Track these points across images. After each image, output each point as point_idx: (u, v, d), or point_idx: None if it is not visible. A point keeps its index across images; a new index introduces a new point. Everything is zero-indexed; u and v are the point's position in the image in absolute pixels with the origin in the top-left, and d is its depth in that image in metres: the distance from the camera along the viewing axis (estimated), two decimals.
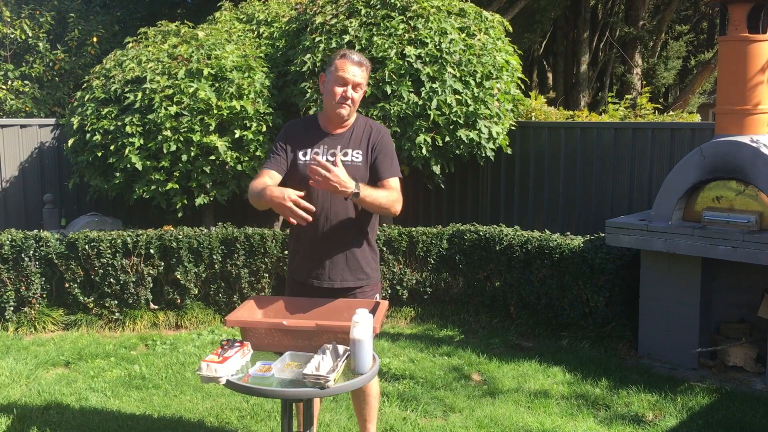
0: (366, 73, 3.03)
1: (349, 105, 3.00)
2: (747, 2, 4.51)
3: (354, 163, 3.01)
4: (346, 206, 3.01)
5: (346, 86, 2.97)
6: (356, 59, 2.99)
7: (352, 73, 2.96)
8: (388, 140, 3.11)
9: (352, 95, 2.98)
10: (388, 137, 3.12)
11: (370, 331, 2.54)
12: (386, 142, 3.09)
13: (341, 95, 2.98)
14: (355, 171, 2.97)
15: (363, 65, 3.00)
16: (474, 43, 6.24)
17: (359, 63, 2.99)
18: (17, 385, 4.52)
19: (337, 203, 3.00)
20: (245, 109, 6.04)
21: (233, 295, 5.77)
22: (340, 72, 2.97)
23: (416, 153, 5.91)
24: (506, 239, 5.57)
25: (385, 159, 3.05)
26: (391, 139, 3.16)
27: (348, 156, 3.03)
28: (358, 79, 2.98)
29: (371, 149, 3.06)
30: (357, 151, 3.05)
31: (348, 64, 2.97)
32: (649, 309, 4.95)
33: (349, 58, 2.99)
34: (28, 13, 8.92)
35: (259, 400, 4.12)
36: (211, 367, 2.47)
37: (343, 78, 2.96)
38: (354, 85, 2.98)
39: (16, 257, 5.54)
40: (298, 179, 3.00)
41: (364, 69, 3.01)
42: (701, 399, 4.27)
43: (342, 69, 2.97)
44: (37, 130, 7.30)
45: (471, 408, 4.15)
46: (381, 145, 3.07)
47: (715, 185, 4.64)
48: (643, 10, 15.78)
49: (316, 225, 3.00)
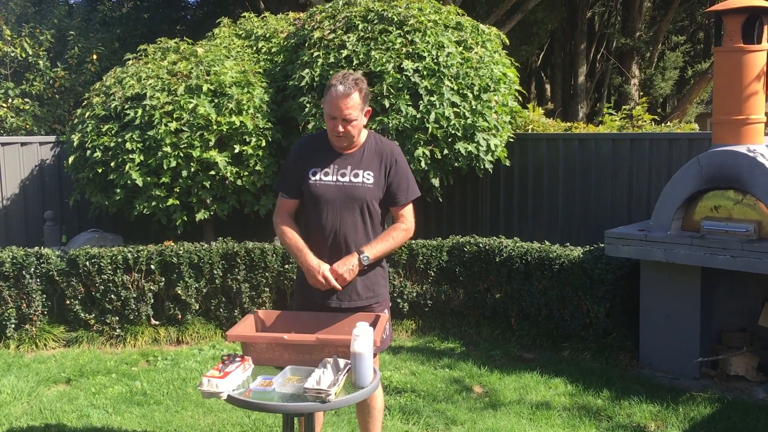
0: (359, 97, 2.90)
1: (344, 137, 2.95)
2: (741, 13, 4.54)
3: (365, 184, 3.01)
4: (356, 228, 3.02)
5: (336, 120, 2.91)
6: (342, 91, 2.86)
7: (338, 108, 2.87)
8: (401, 161, 3.08)
9: (345, 128, 2.92)
10: (401, 157, 3.09)
11: (371, 345, 2.54)
12: (400, 165, 3.07)
13: (332, 130, 2.94)
14: (365, 192, 3.00)
15: (350, 95, 2.87)
16: (471, 57, 6.28)
17: (345, 94, 2.87)
18: (19, 402, 4.51)
19: (347, 226, 3.01)
20: (245, 125, 6.07)
21: (234, 309, 5.77)
22: (328, 107, 2.91)
23: (415, 166, 5.93)
24: (506, 251, 5.58)
25: (400, 185, 3.06)
26: (404, 157, 3.13)
27: (359, 177, 3.01)
28: (346, 113, 2.88)
29: (385, 173, 3.04)
30: (368, 172, 3.02)
31: (334, 100, 2.87)
32: (649, 319, 4.95)
33: (334, 91, 2.87)
34: (29, 31, 8.98)
35: (260, 415, 4.12)
36: (212, 383, 2.48)
37: (331, 114, 2.91)
38: (344, 118, 2.89)
39: (17, 274, 5.55)
40: (308, 198, 3.03)
41: (354, 97, 2.88)
42: (703, 409, 4.26)
43: (329, 103, 2.90)
44: (38, 148, 7.33)
45: (473, 420, 4.14)
46: (396, 169, 3.05)
47: (713, 195, 4.66)
48: (639, 21, 15.87)
49: (326, 247, 3.03)
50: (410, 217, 3.12)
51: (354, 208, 3.01)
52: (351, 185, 3.00)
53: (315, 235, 3.06)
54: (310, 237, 3.08)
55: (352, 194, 3.00)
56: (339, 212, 2.99)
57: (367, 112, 3.01)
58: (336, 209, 3.00)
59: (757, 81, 4.57)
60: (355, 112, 2.90)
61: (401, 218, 3.11)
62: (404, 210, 3.11)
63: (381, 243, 3.02)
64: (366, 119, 3.03)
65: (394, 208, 3.10)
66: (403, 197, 3.08)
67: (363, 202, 3.01)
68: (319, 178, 3.00)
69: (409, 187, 3.10)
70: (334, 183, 3.00)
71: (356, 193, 2.99)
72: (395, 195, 3.07)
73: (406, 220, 3.11)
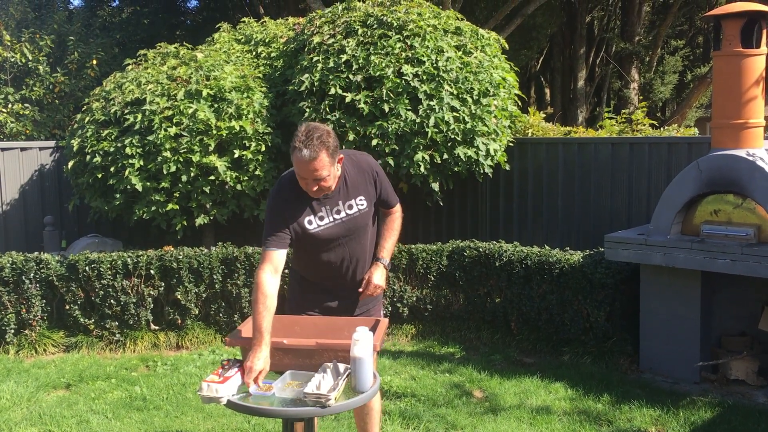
0: (326, 155, 2.74)
1: (319, 191, 2.85)
2: (740, 17, 4.55)
3: (361, 210, 3.01)
4: (364, 250, 3.10)
5: (307, 180, 2.81)
6: (307, 156, 2.71)
7: (307, 171, 2.76)
8: (380, 171, 3.10)
9: (317, 185, 2.81)
10: (378, 167, 3.11)
11: (371, 349, 2.54)
12: (380, 173, 3.10)
13: (306, 189, 2.85)
14: (365, 218, 3.04)
15: (317, 158, 2.72)
16: (471, 61, 6.29)
17: (311, 159, 2.71)
18: (18, 408, 4.51)
19: (356, 252, 3.07)
20: (244, 129, 6.07)
21: (234, 314, 5.77)
22: (297, 169, 2.80)
23: (415, 170, 5.93)
24: (506, 255, 5.58)
25: (388, 190, 3.15)
26: (377, 163, 3.17)
27: (353, 208, 2.99)
28: (317, 174, 2.76)
29: (374, 186, 3.06)
30: (360, 198, 3.01)
31: (300, 164, 2.75)
32: (649, 323, 4.95)
33: (299, 156, 2.72)
34: (28, 36, 8.99)
35: (260, 420, 4.11)
36: (211, 388, 2.48)
37: (301, 176, 2.81)
38: (314, 179, 2.79)
39: (16, 280, 5.54)
40: (313, 245, 2.99)
41: (322, 158, 2.73)
42: (703, 413, 4.26)
43: (297, 166, 2.79)
44: (38, 153, 7.34)
45: (473, 425, 4.13)
46: (379, 178, 3.09)
47: (712, 199, 4.66)
48: (638, 25, 15.90)
49: (339, 272, 3.07)
50: (399, 210, 3.27)
51: (360, 235, 3.05)
52: (350, 218, 2.99)
53: (322, 268, 3.06)
54: (312, 271, 3.12)
55: (355, 225, 3.02)
56: (346, 245, 3.03)
57: (339, 160, 2.88)
58: (343, 244, 3.02)
59: (756, 85, 4.57)
60: (325, 171, 2.78)
61: (392, 211, 3.24)
62: (396, 208, 3.26)
63: (390, 241, 3.18)
64: (339, 165, 2.91)
65: (387, 210, 3.23)
66: (394, 200, 3.21)
67: (365, 226, 3.07)
68: (317, 225, 2.94)
69: (391, 190, 3.20)
70: (334, 223, 2.97)
71: (357, 222, 3.02)
72: (387, 200, 3.17)
73: (396, 209, 3.25)
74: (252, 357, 2.63)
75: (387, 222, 3.22)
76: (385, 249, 3.14)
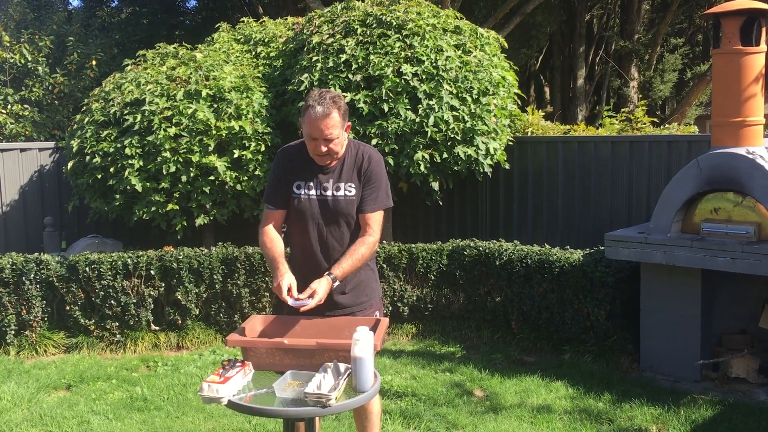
0: (338, 115, 2.82)
1: (327, 155, 2.89)
2: (740, 15, 4.55)
3: (347, 197, 2.97)
4: (342, 241, 2.98)
5: (317, 141, 2.85)
6: (321, 112, 2.77)
7: (318, 129, 2.80)
8: (376, 168, 2.99)
9: (326, 147, 2.85)
10: (377, 165, 3.01)
11: (371, 349, 2.54)
12: (375, 171, 2.98)
13: (314, 150, 2.88)
14: (348, 206, 2.97)
15: (329, 115, 2.78)
16: (470, 60, 6.28)
17: (325, 115, 2.78)
18: (19, 409, 4.51)
19: (332, 240, 2.98)
20: (244, 129, 6.07)
21: (234, 314, 5.77)
22: (307, 128, 2.84)
23: (414, 170, 5.93)
24: (506, 254, 5.57)
25: (371, 192, 2.97)
26: (382, 165, 3.05)
27: (341, 190, 2.97)
28: (327, 133, 2.80)
29: (362, 180, 2.99)
30: (350, 184, 2.98)
31: (313, 121, 2.79)
32: (650, 322, 4.95)
33: (312, 113, 2.79)
34: (28, 37, 8.99)
35: (261, 420, 4.11)
36: (212, 388, 2.48)
37: (312, 135, 2.84)
38: (324, 138, 2.83)
39: (17, 281, 5.54)
40: (293, 212, 3.01)
41: (333, 116, 2.80)
42: (704, 411, 4.26)
43: (308, 125, 2.82)
44: (37, 154, 7.34)
45: (474, 425, 4.13)
46: (369, 174, 2.97)
47: (712, 197, 4.66)
48: (638, 23, 15.89)
49: (313, 257, 3.00)
50: (377, 227, 2.98)
51: (339, 222, 2.98)
52: (334, 199, 2.96)
53: (299, 248, 3.05)
54: (293, 250, 3.09)
55: (336, 208, 2.96)
56: (323, 227, 2.97)
57: (347, 127, 2.94)
58: (320, 224, 2.97)
59: (756, 83, 4.57)
60: (336, 130, 2.82)
61: (367, 229, 2.96)
62: (371, 219, 2.97)
63: (348, 260, 2.90)
64: (347, 134, 2.97)
65: (361, 214, 2.97)
66: (370, 206, 2.96)
67: (347, 215, 2.97)
68: (303, 192, 2.97)
69: (378, 197, 2.98)
70: (317, 197, 2.96)
71: (339, 206, 2.96)
72: (363, 201, 2.97)
73: (372, 231, 2.96)
74: (278, 276, 2.80)
75: (356, 243, 2.95)
76: (340, 266, 2.87)
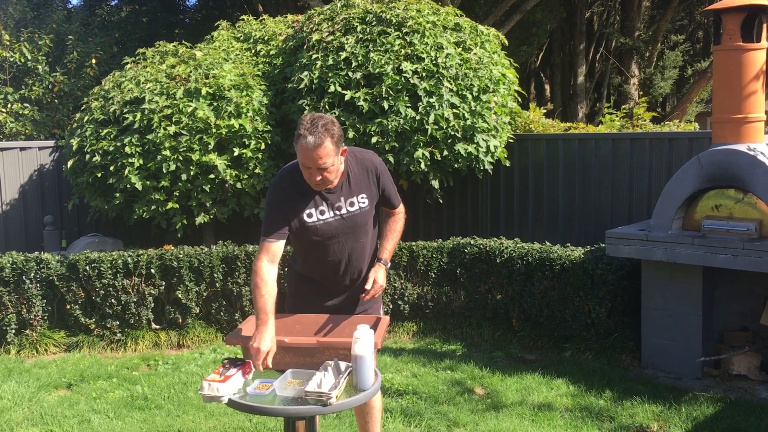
0: (331, 143, 2.73)
1: (322, 182, 2.82)
2: (741, 12, 4.54)
3: (362, 209, 2.98)
4: (364, 250, 3.06)
5: (311, 170, 2.78)
6: (312, 142, 2.69)
7: (311, 159, 2.73)
8: (383, 168, 3.07)
9: (320, 175, 2.79)
10: (382, 165, 3.07)
11: (372, 347, 2.53)
12: (384, 171, 3.07)
13: (308, 179, 2.82)
14: (365, 217, 3.00)
15: (321, 145, 2.70)
16: (470, 58, 6.27)
17: (316, 145, 2.69)
18: (19, 408, 4.50)
19: (356, 251, 3.03)
20: (244, 128, 6.06)
21: (235, 313, 5.76)
22: (301, 157, 2.77)
23: (415, 167, 5.92)
24: (507, 252, 5.57)
25: (391, 190, 3.12)
26: (384, 164, 3.13)
27: (355, 205, 2.96)
28: (320, 162, 2.73)
29: (377, 184, 3.03)
30: (362, 195, 2.98)
31: (305, 150, 2.72)
32: (651, 319, 4.94)
33: (303, 142, 2.71)
34: (27, 36, 8.97)
35: (262, 418, 4.11)
36: (213, 386, 2.47)
37: (304, 164, 2.78)
38: (318, 168, 2.76)
39: (17, 280, 5.54)
40: (312, 239, 2.95)
41: (327, 145, 2.72)
42: (706, 409, 4.25)
43: (301, 154, 2.75)
44: (37, 153, 7.33)
45: (475, 422, 4.13)
46: (383, 177, 3.05)
47: (713, 194, 4.65)
48: (638, 20, 15.87)
49: (336, 271, 3.03)
50: (403, 211, 3.24)
51: (359, 234, 3.01)
52: (350, 215, 2.96)
53: (320, 266, 3.03)
54: (310, 269, 3.07)
55: (354, 223, 2.98)
56: (345, 243, 2.99)
57: (342, 152, 2.86)
58: (342, 241, 2.98)
59: (757, 79, 4.56)
60: (329, 159, 2.75)
61: (395, 210, 3.21)
62: (399, 208, 3.23)
63: (391, 242, 3.15)
64: (343, 158, 2.89)
65: (392, 210, 3.20)
66: (396, 200, 3.18)
67: (366, 225, 3.03)
68: (317, 218, 2.91)
69: (395, 191, 3.17)
70: (334, 219, 2.94)
71: (357, 220, 2.98)
72: (390, 199, 3.13)
73: (399, 210, 3.22)
74: (258, 338, 2.64)
75: (389, 223, 3.19)
76: (386, 250, 3.12)
